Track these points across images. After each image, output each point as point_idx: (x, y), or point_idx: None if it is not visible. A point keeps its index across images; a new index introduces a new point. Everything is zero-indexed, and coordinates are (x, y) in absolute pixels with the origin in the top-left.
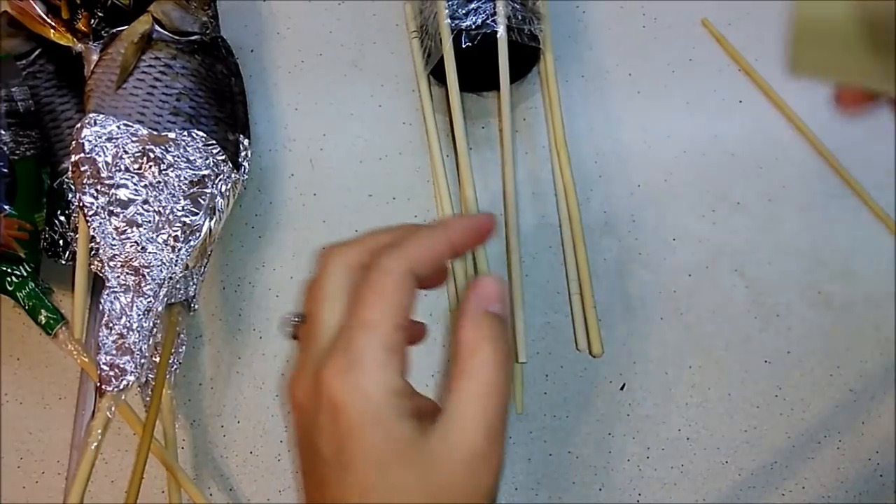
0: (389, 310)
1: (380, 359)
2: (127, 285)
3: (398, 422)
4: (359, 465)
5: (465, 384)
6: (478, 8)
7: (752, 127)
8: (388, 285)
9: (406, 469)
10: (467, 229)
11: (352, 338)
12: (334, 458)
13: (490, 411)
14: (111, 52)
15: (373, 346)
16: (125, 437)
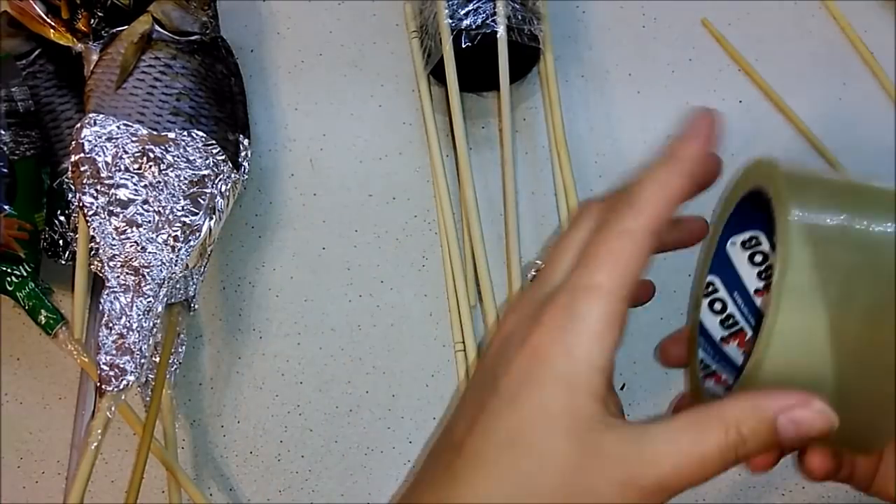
0: (619, 277)
1: (597, 329)
2: (127, 285)
3: (586, 397)
4: (526, 411)
5: (685, 433)
6: (478, 8)
7: (752, 127)
8: (625, 249)
9: (566, 443)
10: (701, 145)
11: (577, 297)
12: (507, 392)
13: (702, 472)
14: (111, 52)
15: (594, 313)
16: (125, 437)
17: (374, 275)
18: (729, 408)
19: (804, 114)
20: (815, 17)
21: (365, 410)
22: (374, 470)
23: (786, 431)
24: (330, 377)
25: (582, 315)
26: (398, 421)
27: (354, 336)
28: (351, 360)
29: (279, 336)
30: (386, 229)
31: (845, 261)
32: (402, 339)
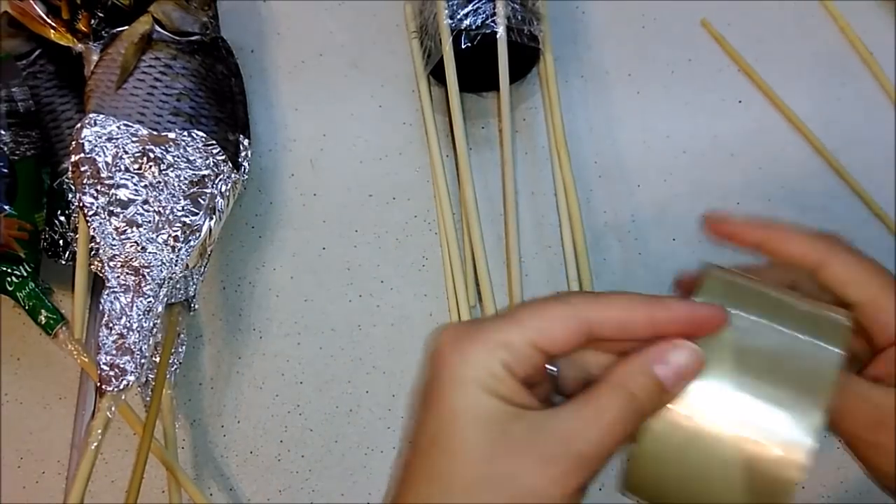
0: (538, 323)
1: (496, 344)
2: (127, 285)
3: (487, 397)
4: (437, 414)
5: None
6: (477, 8)
7: (752, 127)
8: (558, 311)
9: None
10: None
11: (486, 319)
12: (425, 400)
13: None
14: (111, 52)
15: (493, 331)
16: (125, 437)
17: (374, 275)
18: (617, 371)
19: (804, 114)
20: (815, 17)
21: (365, 410)
22: (374, 470)
23: (666, 378)
24: (330, 377)
25: (482, 328)
26: (398, 421)
27: (354, 336)
28: (351, 360)
29: (279, 336)
30: (386, 229)
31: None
32: (402, 339)
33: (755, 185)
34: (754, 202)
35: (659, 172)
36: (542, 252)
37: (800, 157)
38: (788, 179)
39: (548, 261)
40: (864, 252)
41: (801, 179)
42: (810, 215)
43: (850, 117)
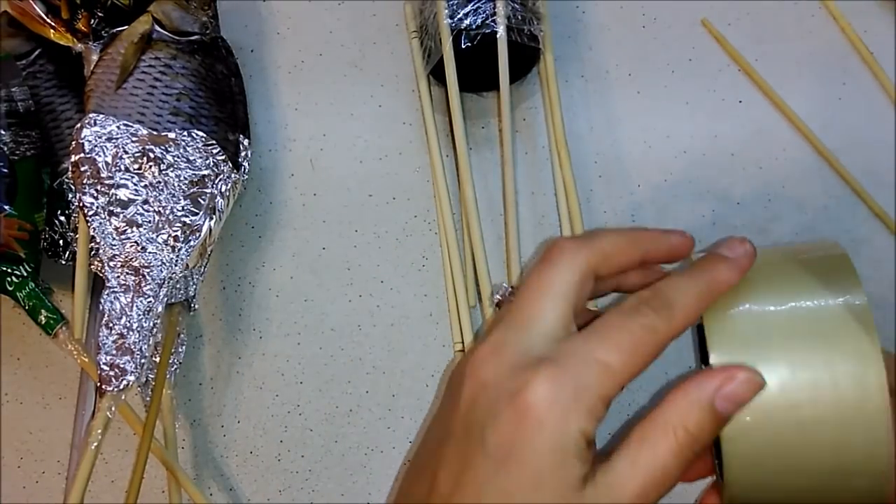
0: (631, 367)
1: (595, 405)
2: (127, 285)
3: (576, 462)
4: (518, 475)
5: (640, 452)
6: (477, 8)
7: (752, 127)
8: (647, 345)
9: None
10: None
11: (585, 367)
12: (497, 450)
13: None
14: (111, 52)
15: (595, 390)
16: (125, 437)
17: (374, 275)
18: (669, 411)
19: (804, 114)
20: (815, 17)
21: (365, 410)
22: (374, 470)
23: (726, 409)
24: (330, 377)
25: (585, 387)
26: (398, 421)
27: (354, 336)
28: (351, 360)
29: (279, 336)
30: (386, 229)
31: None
32: (402, 339)
33: (755, 185)
34: (754, 202)
35: (659, 172)
36: None
37: (800, 157)
38: (788, 179)
39: None
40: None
41: (801, 179)
42: (810, 215)
43: (850, 117)
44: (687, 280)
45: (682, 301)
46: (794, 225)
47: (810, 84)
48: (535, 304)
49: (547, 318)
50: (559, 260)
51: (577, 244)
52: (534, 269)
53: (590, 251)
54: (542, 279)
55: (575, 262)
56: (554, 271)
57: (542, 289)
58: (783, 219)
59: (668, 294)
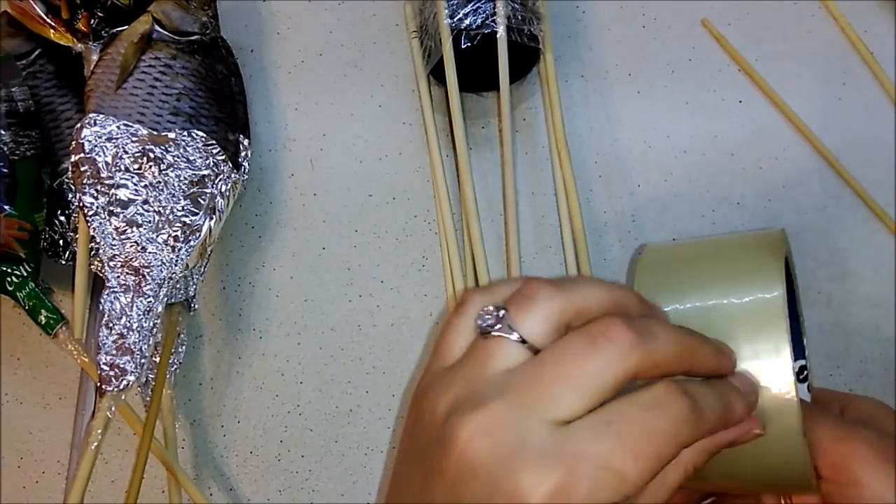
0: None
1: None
2: (127, 285)
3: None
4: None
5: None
6: (477, 8)
7: (752, 127)
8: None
9: None
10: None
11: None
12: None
13: None
14: (111, 52)
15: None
16: (125, 437)
17: (374, 275)
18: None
19: (804, 114)
20: (815, 17)
21: (365, 410)
22: (374, 470)
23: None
24: (330, 377)
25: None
26: (398, 421)
27: (354, 336)
28: (351, 360)
29: (279, 336)
30: (386, 229)
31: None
32: (402, 339)
33: (755, 185)
34: (754, 202)
35: (659, 172)
36: (542, 252)
37: (800, 157)
38: (788, 179)
39: (548, 261)
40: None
41: (801, 179)
42: (810, 215)
43: (850, 117)
44: (714, 396)
45: (708, 415)
46: (794, 225)
47: (810, 84)
48: (560, 388)
49: (567, 407)
50: (610, 351)
51: (633, 340)
52: (571, 344)
53: (644, 355)
54: (579, 363)
55: (625, 363)
56: (598, 361)
57: (576, 375)
58: (783, 219)
59: (699, 402)
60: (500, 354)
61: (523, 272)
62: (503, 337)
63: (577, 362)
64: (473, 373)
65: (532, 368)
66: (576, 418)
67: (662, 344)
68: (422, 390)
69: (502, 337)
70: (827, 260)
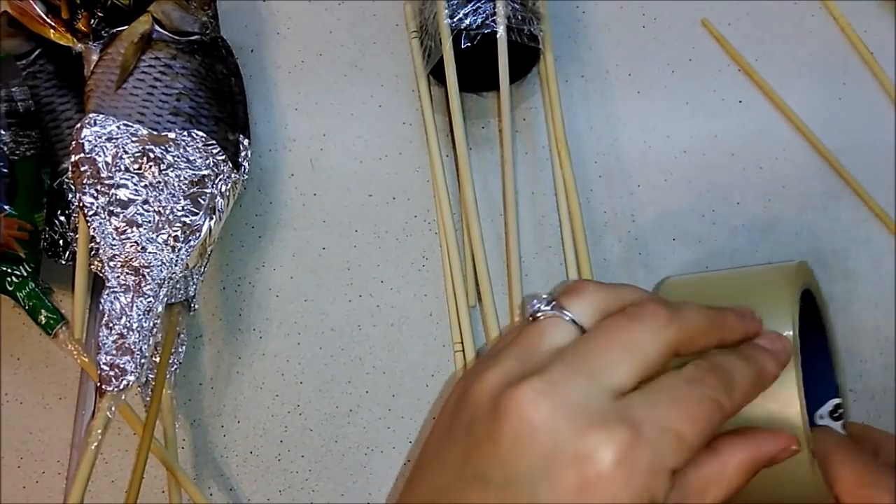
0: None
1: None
2: (127, 285)
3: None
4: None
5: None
6: (477, 8)
7: (752, 127)
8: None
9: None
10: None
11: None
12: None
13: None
14: (111, 52)
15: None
16: (125, 437)
17: (374, 275)
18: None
19: (804, 114)
20: (815, 17)
21: (365, 410)
22: (374, 470)
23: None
24: (330, 377)
25: (661, 459)
26: (398, 421)
27: (354, 336)
28: (351, 360)
29: (279, 336)
30: (386, 229)
31: None
32: (402, 339)
33: (755, 185)
34: (754, 202)
35: (659, 172)
36: (542, 252)
37: (800, 157)
38: (788, 179)
39: (548, 261)
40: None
41: (801, 179)
42: (810, 215)
43: (850, 117)
44: (743, 363)
45: (741, 382)
46: (794, 225)
47: (810, 84)
48: (612, 355)
49: (620, 375)
50: (650, 324)
51: (669, 314)
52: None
53: (679, 329)
54: (625, 333)
55: (665, 335)
56: (641, 332)
57: (624, 343)
58: (783, 219)
59: (731, 373)
60: (553, 332)
61: (523, 272)
62: (556, 316)
63: (625, 334)
64: (526, 350)
65: (584, 342)
66: (629, 390)
67: (693, 318)
68: (468, 374)
69: (555, 316)
70: (827, 260)
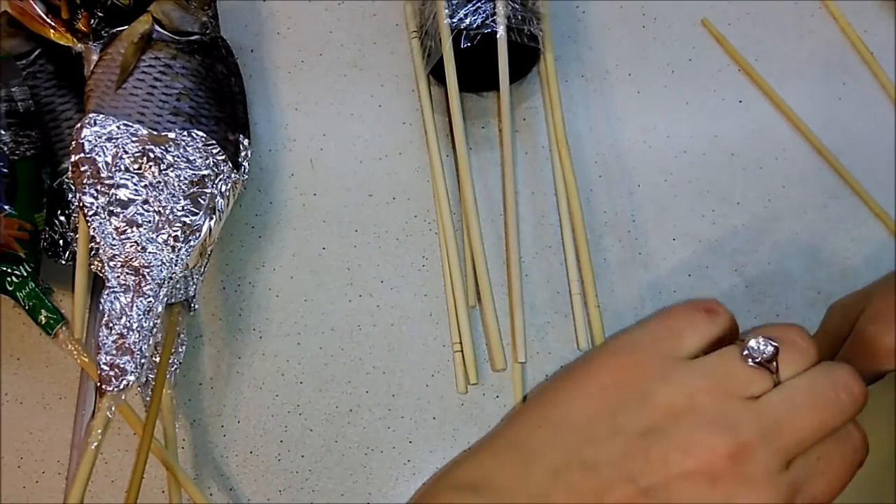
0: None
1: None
2: (127, 285)
3: None
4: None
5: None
6: (477, 8)
7: (752, 127)
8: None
9: None
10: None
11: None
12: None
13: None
14: (111, 52)
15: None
16: (125, 437)
17: (374, 275)
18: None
19: (804, 114)
20: (815, 17)
21: (365, 410)
22: (374, 470)
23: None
24: (330, 377)
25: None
26: (398, 421)
27: (354, 336)
28: (351, 360)
29: (279, 336)
30: (386, 229)
31: None
32: (402, 339)
33: (755, 185)
34: (754, 202)
35: (659, 172)
36: (542, 252)
37: (800, 157)
38: (788, 179)
39: (548, 261)
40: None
41: (801, 179)
42: (810, 215)
43: (850, 117)
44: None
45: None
46: (794, 225)
47: (810, 84)
48: (802, 434)
49: (800, 448)
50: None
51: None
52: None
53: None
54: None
55: (850, 414)
56: (833, 417)
57: (817, 427)
58: (783, 219)
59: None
60: (756, 385)
61: (523, 272)
62: (767, 372)
63: (817, 418)
64: (726, 389)
65: (780, 409)
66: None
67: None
68: (644, 364)
69: (767, 372)
70: (827, 260)
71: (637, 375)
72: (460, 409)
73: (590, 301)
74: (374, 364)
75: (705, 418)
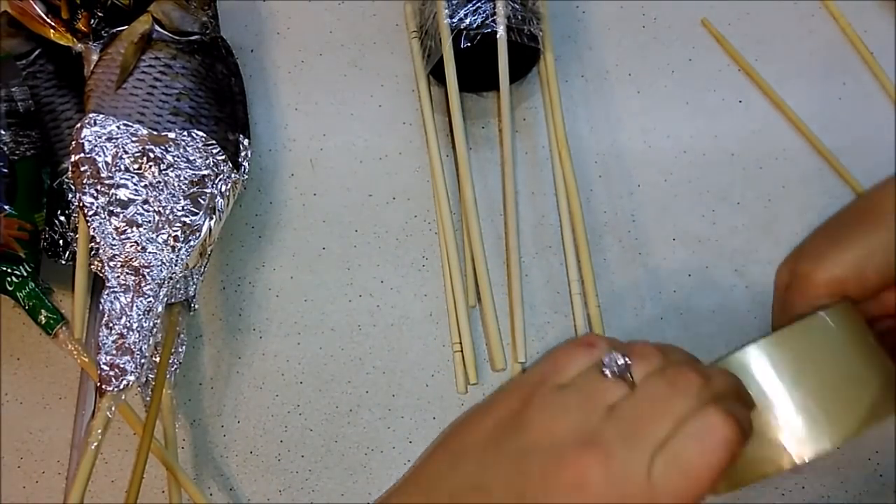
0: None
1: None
2: (127, 285)
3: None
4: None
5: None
6: (477, 8)
7: (752, 127)
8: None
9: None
10: None
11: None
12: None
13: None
14: (111, 52)
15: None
16: (125, 437)
17: (374, 275)
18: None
19: (804, 114)
20: (815, 17)
21: (365, 410)
22: (374, 470)
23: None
24: (330, 377)
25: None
26: (398, 421)
27: (354, 336)
28: (351, 360)
29: (279, 336)
30: (386, 229)
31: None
32: (402, 339)
33: (755, 185)
34: (754, 202)
35: (659, 172)
36: (542, 252)
37: (800, 157)
38: (788, 179)
39: (548, 261)
40: None
41: (801, 179)
42: (810, 215)
43: (850, 117)
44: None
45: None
46: (794, 225)
47: (810, 84)
48: (655, 424)
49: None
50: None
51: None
52: (659, 388)
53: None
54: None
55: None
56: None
57: (667, 412)
58: (783, 219)
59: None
60: (613, 393)
61: (523, 272)
62: (623, 382)
63: (668, 404)
64: (590, 404)
65: (633, 408)
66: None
67: (720, 383)
68: (530, 384)
69: (623, 382)
70: None
71: (522, 404)
72: (460, 409)
73: (590, 301)
74: (374, 364)
75: (573, 432)
